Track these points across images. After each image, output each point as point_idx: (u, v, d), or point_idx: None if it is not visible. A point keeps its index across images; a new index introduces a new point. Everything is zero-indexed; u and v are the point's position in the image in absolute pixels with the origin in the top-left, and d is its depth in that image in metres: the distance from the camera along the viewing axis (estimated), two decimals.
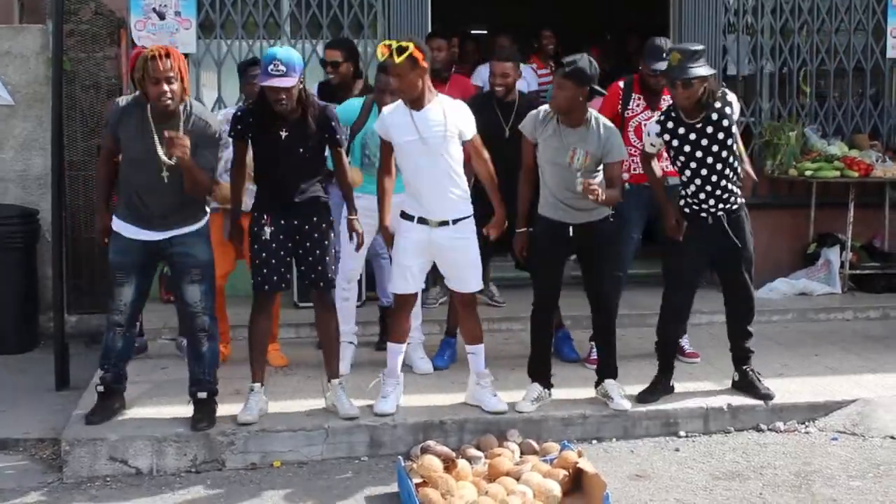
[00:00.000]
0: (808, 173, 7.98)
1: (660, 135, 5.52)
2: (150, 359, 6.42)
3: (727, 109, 5.44)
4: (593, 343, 6.07)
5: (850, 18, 8.47)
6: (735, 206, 5.57)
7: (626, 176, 6.03)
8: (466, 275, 5.44)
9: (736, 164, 5.54)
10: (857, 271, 8.12)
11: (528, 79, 7.71)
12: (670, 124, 5.49)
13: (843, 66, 8.51)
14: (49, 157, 6.46)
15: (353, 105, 6.11)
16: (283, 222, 5.27)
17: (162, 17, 7.46)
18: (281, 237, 5.28)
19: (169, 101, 4.92)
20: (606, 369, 5.63)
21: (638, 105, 6.28)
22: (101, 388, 5.29)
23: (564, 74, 5.32)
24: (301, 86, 5.15)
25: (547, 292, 5.58)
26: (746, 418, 5.61)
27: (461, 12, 10.14)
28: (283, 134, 5.18)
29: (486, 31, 11.62)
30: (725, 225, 5.52)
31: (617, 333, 5.70)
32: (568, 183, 5.37)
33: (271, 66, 5.02)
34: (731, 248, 5.56)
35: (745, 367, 5.77)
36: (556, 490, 4.55)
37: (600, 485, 4.50)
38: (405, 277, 5.41)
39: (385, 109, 5.42)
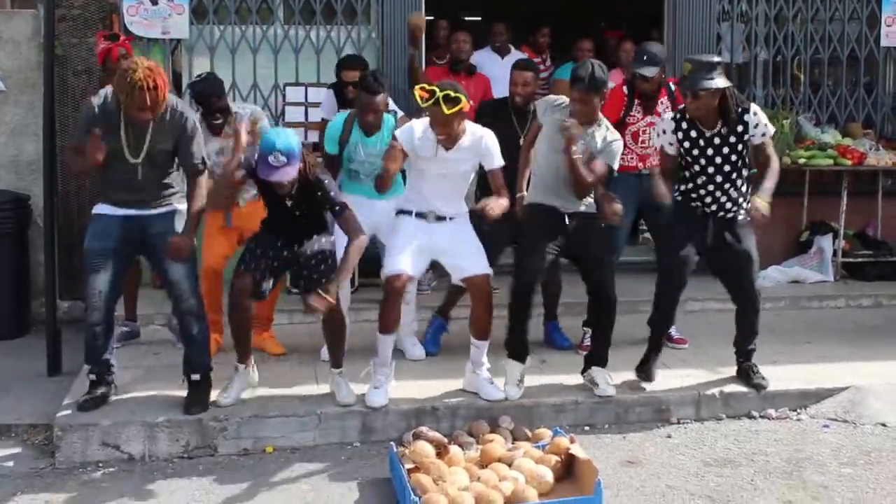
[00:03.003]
0: (801, 161, 7.99)
1: (675, 132, 5.47)
2: (142, 344, 6.43)
3: (745, 128, 5.35)
4: (586, 329, 6.07)
5: (845, 7, 8.47)
6: (730, 216, 5.50)
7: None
8: (471, 260, 5.40)
9: (742, 181, 5.47)
10: (850, 259, 8.14)
11: None
12: (685, 125, 5.44)
13: (838, 55, 8.52)
14: (41, 143, 6.44)
15: (337, 123, 6.03)
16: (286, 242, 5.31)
17: (154, 2, 7.42)
18: (284, 252, 5.28)
19: (148, 119, 4.96)
20: (597, 358, 5.62)
21: (638, 112, 6.24)
22: (92, 377, 5.30)
23: (587, 89, 5.26)
24: (300, 165, 5.01)
25: (534, 269, 5.41)
26: (738, 405, 5.63)
27: None
28: (289, 203, 5.17)
29: (479, 18, 11.59)
30: (712, 222, 5.47)
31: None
32: (563, 171, 5.37)
33: (272, 158, 4.86)
34: (719, 246, 5.51)
35: (742, 361, 5.77)
36: (549, 476, 4.56)
37: (592, 471, 4.50)
38: (398, 257, 5.32)
39: (416, 128, 5.27)
